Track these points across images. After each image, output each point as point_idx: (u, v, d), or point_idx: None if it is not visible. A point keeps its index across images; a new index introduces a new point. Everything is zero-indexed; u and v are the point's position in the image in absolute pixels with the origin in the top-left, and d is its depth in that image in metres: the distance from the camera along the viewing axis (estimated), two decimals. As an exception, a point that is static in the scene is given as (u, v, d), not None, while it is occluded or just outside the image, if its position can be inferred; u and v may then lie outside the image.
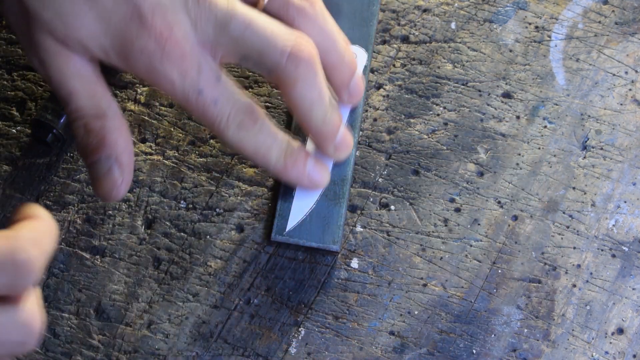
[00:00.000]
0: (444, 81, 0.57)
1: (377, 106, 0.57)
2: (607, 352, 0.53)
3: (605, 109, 0.57)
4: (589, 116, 0.57)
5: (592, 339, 0.53)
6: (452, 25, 0.58)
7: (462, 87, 0.57)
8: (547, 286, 0.54)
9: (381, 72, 0.58)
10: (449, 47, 0.58)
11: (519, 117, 0.57)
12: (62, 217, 0.56)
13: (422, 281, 0.54)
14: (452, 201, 0.55)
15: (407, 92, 0.57)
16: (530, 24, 0.58)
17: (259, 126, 0.50)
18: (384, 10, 0.59)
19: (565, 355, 0.53)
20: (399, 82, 0.58)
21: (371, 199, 0.56)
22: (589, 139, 0.56)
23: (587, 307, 0.54)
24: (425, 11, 0.59)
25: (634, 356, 0.53)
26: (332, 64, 0.52)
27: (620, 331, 0.53)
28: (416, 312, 0.54)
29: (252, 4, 0.50)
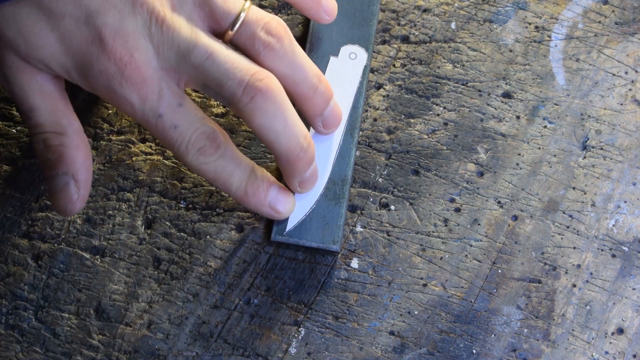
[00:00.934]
0: (444, 81, 0.57)
1: (377, 106, 0.57)
2: (607, 352, 0.53)
3: (605, 109, 0.57)
4: (589, 116, 0.57)
5: (592, 339, 0.53)
6: (452, 25, 0.58)
7: (462, 87, 0.57)
8: (547, 286, 0.54)
9: (381, 72, 0.58)
10: (449, 47, 0.58)
11: (519, 117, 0.57)
12: (62, 217, 0.56)
13: (422, 281, 0.54)
14: (452, 201, 0.55)
15: (407, 92, 0.57)
16: (530, 24, 0.58)
17: (221, 152, 0.50)
18: (384, 10, 0.59)
19: (565, 355, 0.53)
20: (399, 82, 0.58)
21: (371, 199, 0.56)
22: (589, 139, 0.56)
23: (587, 307, 0.54)
24: (425, 11, 0.59)
25: (634, 356, 0.53)
26: (303, 95, 0.52)
27: (620, 331, 0.53)
28: (416, 312, 0.54)
29: (220, 35, 0.50)
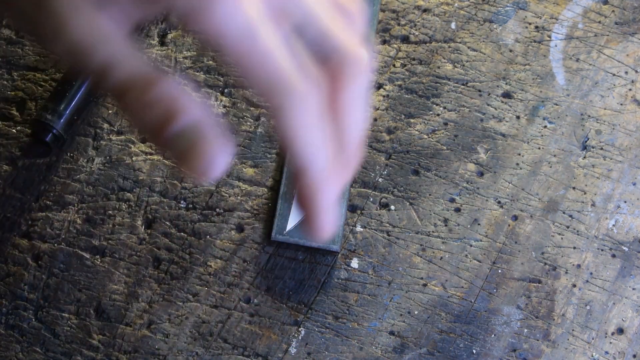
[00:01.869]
0: (444, 81, 0.57)
1: (377, 106, 0.57)
2: (607, 352, 0.53)
3: (605, 109, 0.57)
4: (589, 116, 0.57)
5: (592, 338, 0.53)
6: (452, 25, 0.58)
7: (462, 87, 0.57)
8: (547, 286, 0.54)
9: (381, 72, 0.58)
10: (449, 47, 0.58)
11: (519, 117, 0.57)
12: (62, 217, 0.56)
13: (422, 281, 0.54)
14: (452, 201, 0.55)
15: (407, 92, 0.57)
16: (530, 24, 0.58)
17: None
18: (384, 10, 0.59)
19: (565, 355, 0.53)
20: (399, 82, 0.58)
21: (371, 199, 0.56)
22: (589, 139, 0.56)
23: (587, 307, 0.54)
24: (425, 11, 0.59)
25: (634, 356, 0.53)
26: None
27: (620, 331, 0.53)
28: (416, 312, 0.54)
29: None
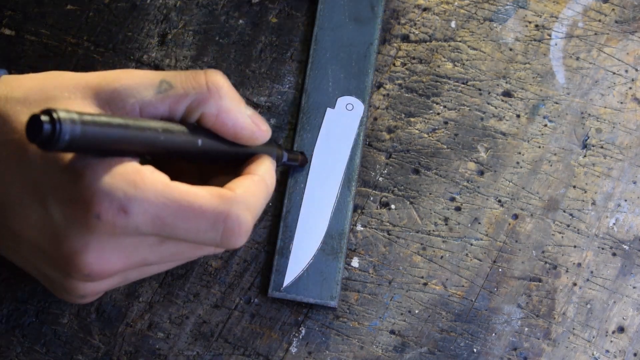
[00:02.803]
0: (444, 80, 0.57)
1: (377, 105, 0.57)
2: (607, 351, 0.53)
3: (605, 108, 0.57)
4: (589, 115, 0.57)
5: (593, 337, 0.53)
6: (452, 24, 0.58)
7: (462, 85, 0.57)
8: (547, 285, 0.54)
9: (381, 71, 0.58)
10: (449, 45, 0.58)
11: (519, 116, 0.57)
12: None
13: (422, 280, 0.54)
14: (452, 200, 0.55)
15: (407, 91, 0.57)
16: (530, 22, 0.58)
17: None
18: (384, 10, 0.59)
19: (565, 354, 0.53)
20: (399, 81, 0.57)
21: (371, 198, 0.56)
22: (589, 138, 0.56)
23: (588, 306, 0.54)
24: (425, 10, 0.59)
25: (635, 355, 0.53)
26: None
27: (620, 330, 0.53)
28: (417, 311, 0.54)
29: None
